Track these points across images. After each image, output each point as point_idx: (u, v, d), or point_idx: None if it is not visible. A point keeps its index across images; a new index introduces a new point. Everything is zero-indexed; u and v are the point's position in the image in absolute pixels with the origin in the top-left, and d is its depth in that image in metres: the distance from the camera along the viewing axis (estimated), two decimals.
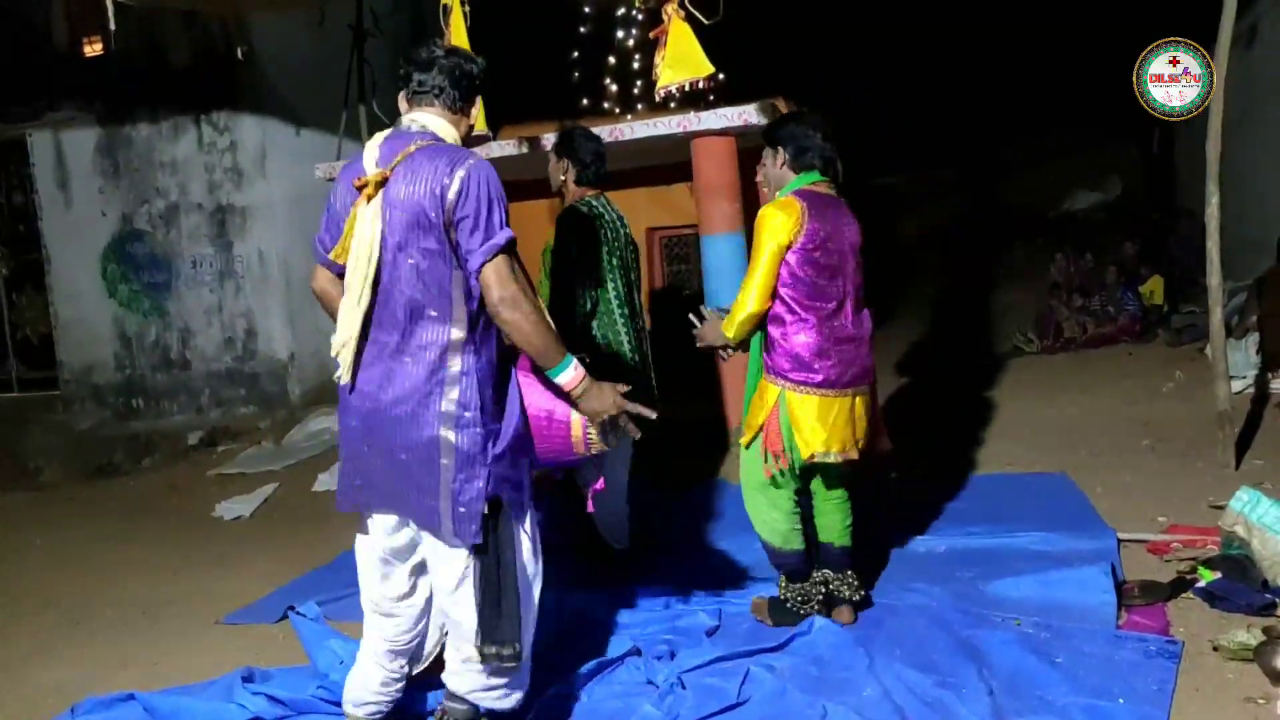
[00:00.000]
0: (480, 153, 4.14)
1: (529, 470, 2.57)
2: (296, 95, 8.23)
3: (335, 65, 7.16)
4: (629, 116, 6.06)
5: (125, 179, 8.70)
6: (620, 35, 5.92)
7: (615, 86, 6.23)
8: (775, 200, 3.29)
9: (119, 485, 7.25)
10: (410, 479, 2.39)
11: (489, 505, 2.40)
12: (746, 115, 5.56)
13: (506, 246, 2.35)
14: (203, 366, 8.64)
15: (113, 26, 5.53)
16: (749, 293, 3.22)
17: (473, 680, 2.55)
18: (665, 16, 4.68)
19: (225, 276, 8.51)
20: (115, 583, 4.82)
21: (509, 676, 2.58)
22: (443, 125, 2.48)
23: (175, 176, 8.55)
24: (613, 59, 6.11)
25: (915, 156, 12.20)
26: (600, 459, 2.69)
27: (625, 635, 3.34)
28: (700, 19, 4.64)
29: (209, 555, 5.19)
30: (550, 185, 4.02)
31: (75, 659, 3.89)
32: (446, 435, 2.35)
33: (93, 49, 8.72)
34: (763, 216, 3.22)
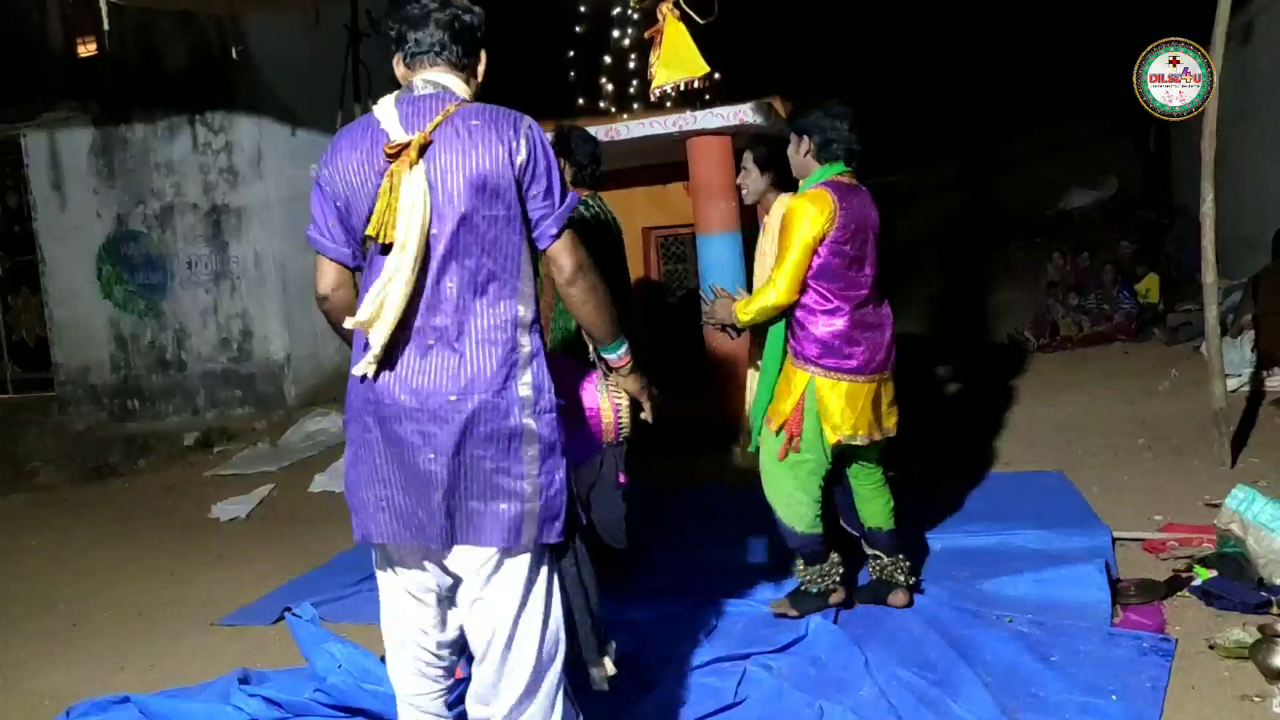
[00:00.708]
0: None
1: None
2: (292, 96, 8.21)
3: (330, 66, 7.15)
4: (625, 116, 6.05)
5: (120, 179, 8.68)
6: (615, 35, 5.91)
7: (611, 86, 6.22)
8: (805, 192, 3.26)
9: (115, 487, 7.23)
10: (478, 483, 2.06)
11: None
12: (742, 114, 5.56)
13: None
14: (198, 367, 8.62)
15: (107, 27, 5.53)
16: (777, 285, 3.20)
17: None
18: (660, 16, 4.67)
19: (221, 277, 8.49)
20: (111, 584, 4.81)
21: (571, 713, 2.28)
22: (458, 84, 2.17)
23: (170, 177, 8.53)
24: (608, 59, 6.10)
25: (912, 155, 12.18)
26: (615, 454, 2.66)
27: (623, 635, 3.33)
28: (695, 18, 4.63)
29: (205, 557, 5.18)
30: None
31: (71, 661, 3.89)
32: (529, 423, 2.08)
33: (87, 49, 8.71)
34: (795, 209, 3.20)
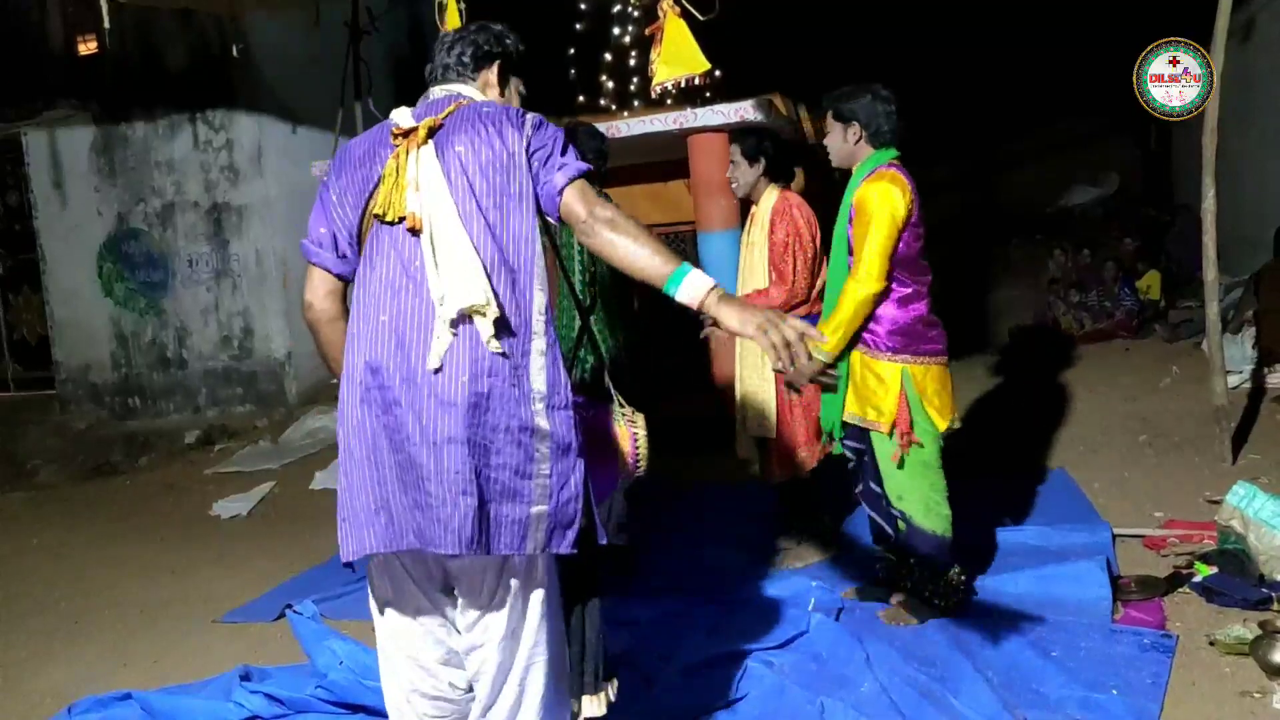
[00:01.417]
0: None
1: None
2: (292, 93, 8.22)
3: (331, 63, 7.15)
4: (625, 113, 6.05)
5: (121, 178, 8.68)
6: (616, 32, 5.91)
7: (611, 83, 6.22)
8: (881, 174, 3.19)
9: (116, 485, 7.24)
10: (482, 477, 1.91)
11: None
12: (743, 111, 5.54)
13: (587, 174, 2.07)
14: (199, 365, 8.62)
15: (108, 25, 5.53)
16: (869, 273, 3.08)
17: None
18: (661, 13, 4.66)
19: (222, 275, 8.50)
20: (113, 582, 4.82)
21: None
22: (473, 91, 2.18)
23: (171, 175, 8.53)
24: (608, 56, 6.10)
25: (913, 152, 12.19)
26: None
27: (624, 633, 3.34)
28: (696, 15, 4.63)
29: (206, 554, 5.18)
30: None
31: (73, 659, 3.89)
32: (540, 421, 1.95)
33: (88, 48, 8.70)
34: (880, 193, 3.12)
